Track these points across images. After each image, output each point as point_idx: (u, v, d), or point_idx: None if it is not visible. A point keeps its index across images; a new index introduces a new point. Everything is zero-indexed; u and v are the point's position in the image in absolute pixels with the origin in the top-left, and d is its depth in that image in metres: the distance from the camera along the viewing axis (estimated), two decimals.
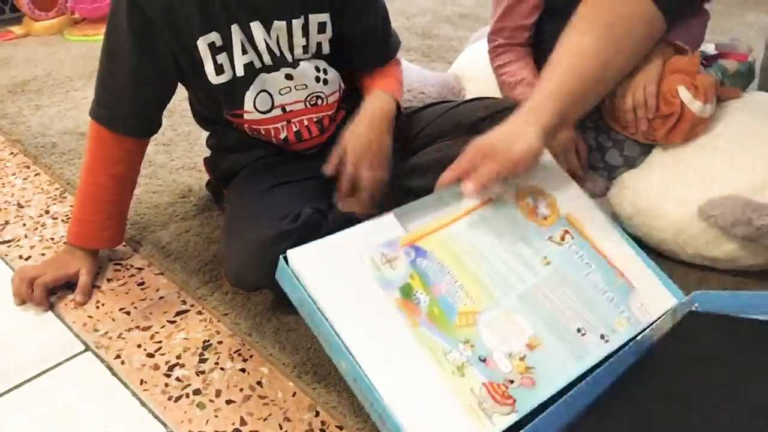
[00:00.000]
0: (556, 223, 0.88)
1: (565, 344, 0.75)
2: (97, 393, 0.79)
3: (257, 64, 0.88)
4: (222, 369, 0.82)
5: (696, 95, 0.92)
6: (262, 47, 0.87)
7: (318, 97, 0.94)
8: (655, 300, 0.82)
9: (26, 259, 1.02)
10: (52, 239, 1.07)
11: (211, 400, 0.78)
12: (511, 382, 0.70)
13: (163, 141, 1.34)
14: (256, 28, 0.85)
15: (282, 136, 0.95)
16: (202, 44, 0.83)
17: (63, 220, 1.11)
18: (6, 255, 1.03)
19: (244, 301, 0.90)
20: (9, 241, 1.06)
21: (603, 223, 0.89)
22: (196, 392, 0.79)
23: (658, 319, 0.78)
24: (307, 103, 0.94)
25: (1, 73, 1.68)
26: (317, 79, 0.93)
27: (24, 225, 1.10)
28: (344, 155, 0.89)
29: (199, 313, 0.91)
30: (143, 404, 0.77)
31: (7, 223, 1.11)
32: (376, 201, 0.90)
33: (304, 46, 0.90)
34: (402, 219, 0.80)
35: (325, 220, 0.83)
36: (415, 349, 0.71)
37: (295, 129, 0.95)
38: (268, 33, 0.87)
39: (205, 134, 1.06)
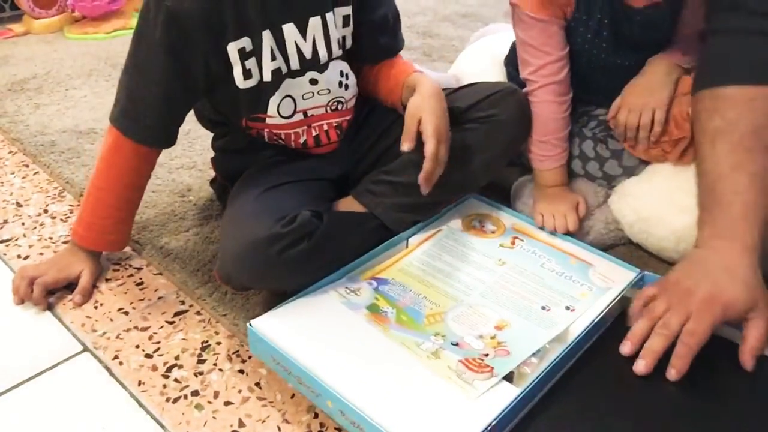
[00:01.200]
0: (505, 234, 0.97)
1: (532, 321, 0.80)
2: (94, 394, 0.78)
3: (284, 70, 0.87)
4: (220, 370, 0.81)
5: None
6: (292, 51, 0.86)
7: (339, 101, 0.93)
8: (614, 271, 0.88)
9: (24, 258, 1.01)
10: (51, 238, 1.06)
11: (209, 402, 0.77)
12: (486, 355, 0.74)
13: None
14: (290, 30, 0.84)
15: (301, 140, 0.94)
16: (232, 49, 0.82)
17: (62, 219, 1.11)
18: (4, 254, 1.02)
19: (243, 301, 0.90)
20: (7, 240, 1.06)
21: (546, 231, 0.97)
22: (195, 393, 0.78)
23: (620, 293, 0.83)
24: (328, 108, 0.93)
25: (0, 71, 1.67)
26: (340, 84, 0.92)
27: (23, 224, 1.10)
28: (426, 133, 0.84)
29: (198, 313, 0.91)
30: (141, 405, 0.77)
31: (5, 222, 1.10)
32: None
33: (338, 40, 0.89)
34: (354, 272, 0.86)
35: (321, 222, 0.83)
36: (390, 347, 0.75)
37: (314, 134, 0.94)
38: (303, 34, 0.86)
39: (206, 133, 1.06)
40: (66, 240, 1.05)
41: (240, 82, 0.85)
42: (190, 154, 1.28)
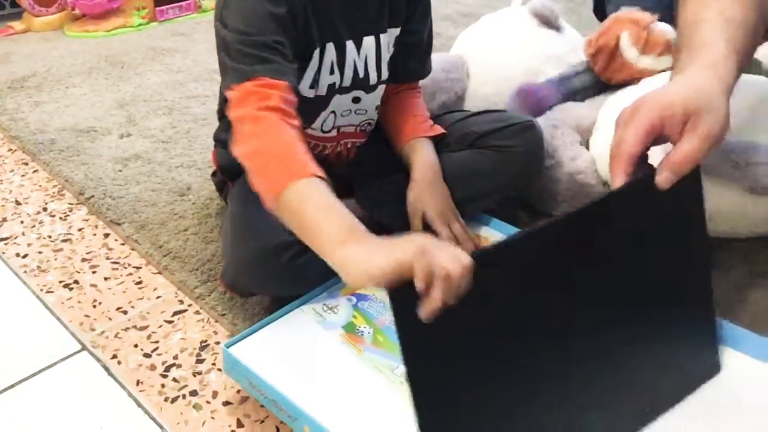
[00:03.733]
0: None
1: None
2: (92, 393, 0.78)
3: (337, 85, 0.87)
4: (219, 370, 0.81)
5: (635, 43, 1.04)
6: (349, 66, 0.86)
7: (369, 123, 0.94)
8: None
9: (23, 257, 1.01)
10: (50, 236, 1.06)
11: (207, 402, 0.77)
12: None
13: (162, 138, 1.33)
14: (350, 47, 0.85)
15: (326, 152, 0.94)
16: (315, 55, 0.82)
17: (60, 218, 1.11)
18: (3, 252, 1.02)
19: (242, 301, 0.90)
20: (6, 239, 1.05)
21: None
22: (193, 393, 0.78)
23: None
24: (359, 129, 0.94)
25: (0, 69, 1.67)
26: (376, 108, 0.93)
27: (22, 222, 1.10)
28: (434, 225, 0.88)
29: (197, 313, 0.90)
30: (139, 405, 0.77)
31: (4, 220, 1.10)
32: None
33: (387, 62, 0.90)
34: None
35: None
36: (364, 372, 0.73)
37: (338, 150, 0.95)
38: (359, 52, 0.86)
39: (205, 133, 1.05)
40: (65, 238, 1.05)
41: (305, 89, 0.84)
42: (190, 153, 1.28)
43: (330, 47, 0.84)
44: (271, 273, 0.79)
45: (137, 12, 1.99)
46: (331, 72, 0.85)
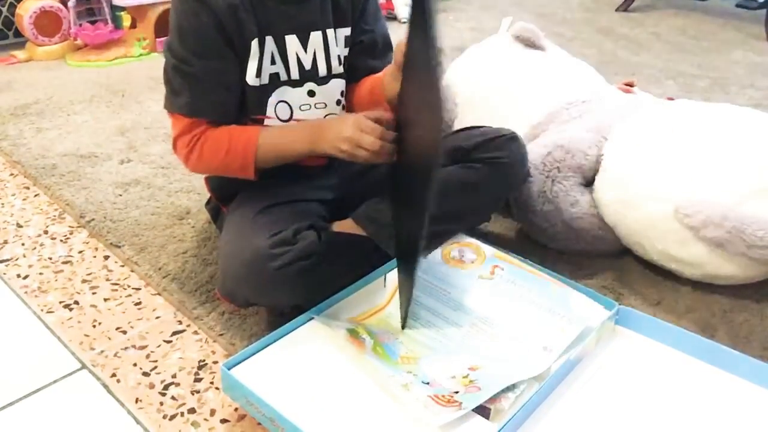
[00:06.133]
0: (485, 263, 0.95)
1: (506, 363, 0.79)
2: (92, 411, 0.79)
3: (283, 77, 0.92)
4: (217, 388, 0.82)
5: None
6: (292, 61, 0.91)
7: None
8: (592, 305, 0.87)
9: (24, 278, 1.03)
10: (50, 258, 1.08)
11: (205, 419, 0.78)
12: (456, 392, 0.74)
13: (161, 164, 1.36)
14: (291, 41, 0.90)
15: None
16: (254, 46, 0.88)
17: (61, 240, 1.13)
18: (4, 274, 1.04)
19: (240, 322, 0.91)
20: (7, 260, 1.07)
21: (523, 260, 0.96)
22: (191, 411, 0.79)
23: (595, 331, 0.83)
24: None
25: (3, 96, 1.70)
26: (338, 102, 0.97)
27: (23, 244, 1.11)
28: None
29: (195, 333, 0.92)
30: (138, 422, 0.78)
31: (5, 242, 1.12)
32: None
33: (339, 57, 0.95)
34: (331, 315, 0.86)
35: (320, 242, 0.85)
36: (362, 380, 0.75)
37: None
38: (305, 47, 0.92)
39: None
40: (66, 260, 1.07)
41: (251, 79, 0.89)
42: (189, 178, 1.30)
43: (269, 40, 0.89)
44: (262, 280, 0.81)
45: (138, 42, 2.03)
46: (272, 63, 0.91)
